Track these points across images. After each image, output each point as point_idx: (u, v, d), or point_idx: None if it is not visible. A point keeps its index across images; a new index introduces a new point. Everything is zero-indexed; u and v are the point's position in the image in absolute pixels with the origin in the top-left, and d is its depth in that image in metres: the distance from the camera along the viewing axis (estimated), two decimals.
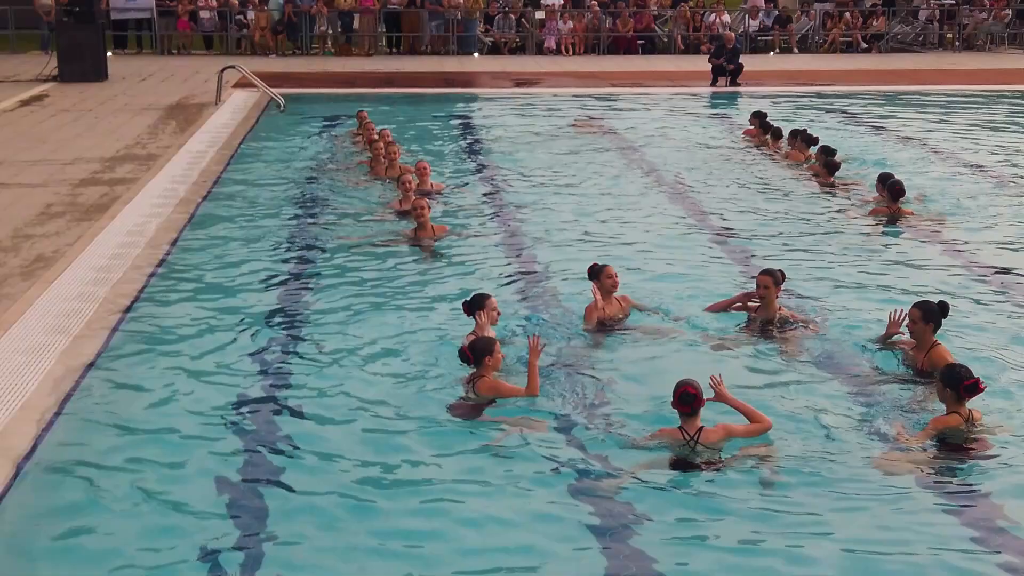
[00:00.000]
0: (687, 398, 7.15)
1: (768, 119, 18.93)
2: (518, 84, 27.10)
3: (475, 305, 8.82)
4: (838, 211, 14.00)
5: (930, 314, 8.54)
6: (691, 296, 10.39)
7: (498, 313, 8.81)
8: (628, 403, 8.09)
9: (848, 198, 14.63)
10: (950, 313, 8.78)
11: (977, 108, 23.64)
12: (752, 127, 19.17)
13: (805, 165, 16.54)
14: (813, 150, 16.64)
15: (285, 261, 11.84)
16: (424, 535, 6.42)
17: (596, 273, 9.72)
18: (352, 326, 9.75)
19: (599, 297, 9.56)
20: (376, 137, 16.77)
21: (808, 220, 13.57)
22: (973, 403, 7.55)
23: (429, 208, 12.53)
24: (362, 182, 15.51)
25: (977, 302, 10.43)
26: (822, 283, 10.96)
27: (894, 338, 8.98)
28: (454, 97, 25.05)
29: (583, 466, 7.18)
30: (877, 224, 13.23)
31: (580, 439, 7.53)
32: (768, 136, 18.30)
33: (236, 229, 13.03)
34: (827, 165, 15.49)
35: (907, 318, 8.70)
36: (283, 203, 14.46)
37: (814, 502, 6.78)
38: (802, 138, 17.20)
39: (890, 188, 13.42)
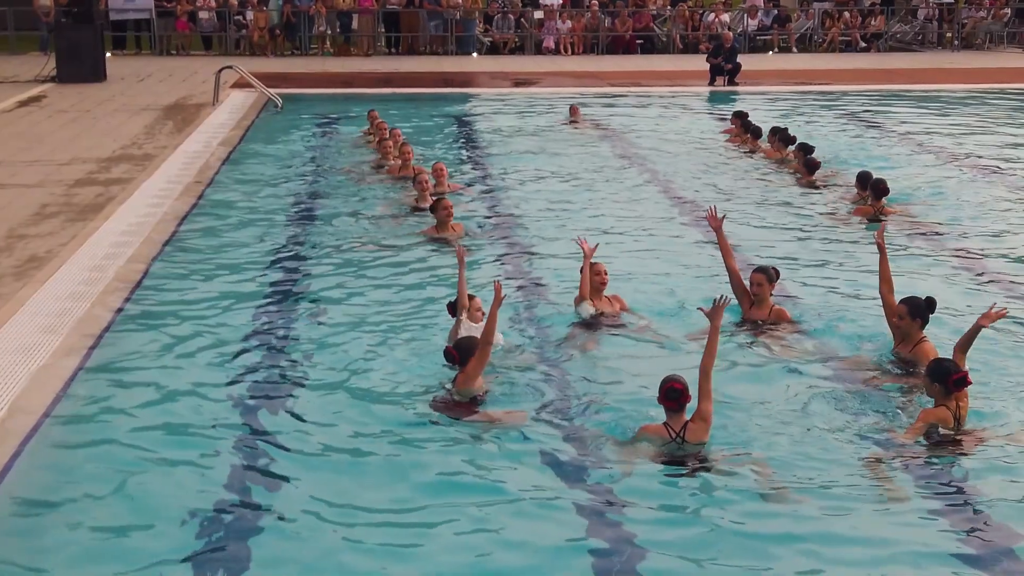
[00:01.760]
0: (673, 393, 7.14)
1: (749, 118, 18.90)
2: (517, 84, 27.11)
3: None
4: (822, 210, 13.99)
5: (917, 310, 8.53)
6: (681, 294, 10.38)
7: (482, 313, 8.78)
8: (617, 401, 8.07)
9: (830, 196, 14.62)
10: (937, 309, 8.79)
11: (975, 107, 23.62)
12: (733, 126, 19.15)
13: (786, 164, 16.50)
14: (791, 149, 16.63)
15: (281, 262, 11.79)
16: (404, 539, 6.37)
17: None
18: (350, 326, 9.71)
19: (587, 251, 9.60)
20: (387, 136, 16.73)
21: (793, 219, 13.57)
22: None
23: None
24: (373, 181, 15.48)
25: (964, 299, 10.42)
26: (810, 281, 10.96)
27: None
28: (452, 97, 25.06)
29: (567, 465, 7.16)
30: (861, 223, 13.20)
31: (565, 437, 7.51)
32: (749, 135, 18.28)
33: (231, 230, 13.02)
34: (807, 164, 15.50)
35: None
36: (279, 203, 14.46)
37: (803, 502, 6.76)
38: (780, 137, 17.18)
39: (874, 187, 13.40)
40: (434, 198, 13.15)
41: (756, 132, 18.17)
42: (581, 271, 9.63)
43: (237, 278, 11.15)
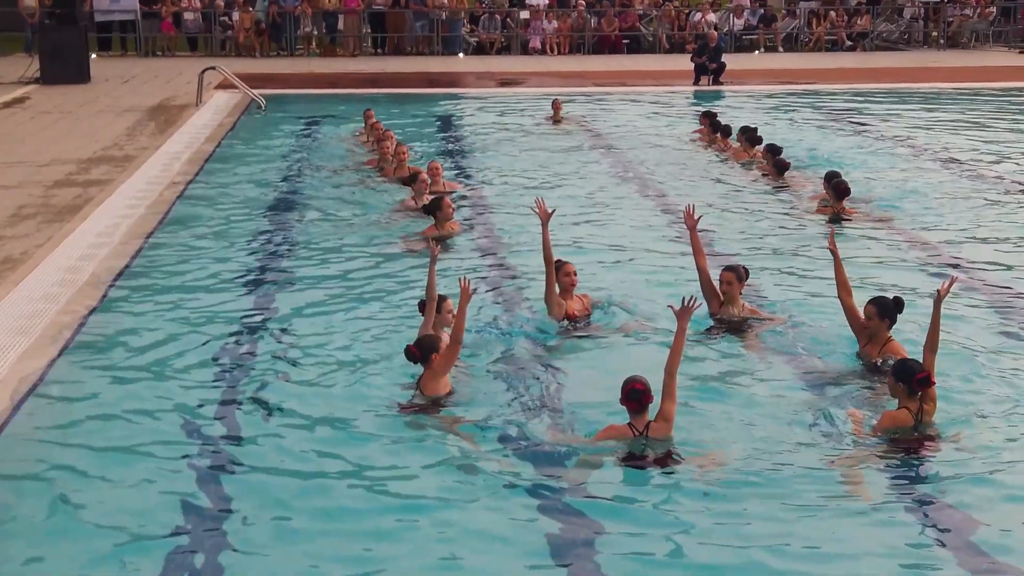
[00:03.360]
0: (634, 394, 7.13)
1: (718, 118, 18.90)
2: (502, 84, 27.12)
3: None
4: (789, 210, 13.97)
5: (886, 310, 8.52)
6: (653, 293, 10.37)
7: (453, 315, 8.74)
8: (585, 401, 8.05)
9: (798, 197, 14.59)
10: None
11: (961, 106, 23.65)
12: (702, 126, 19.14)
13: (755, 165, 16.50)
14: (759, 148, 16.65)
15: (256, 263, 11.73)
16: (369, 547, 6.30)
17: (555, 271, 9.69)
18: (333, 328, 9.63)
19: (543, 214, 9.70)
20: (383, 136, 16.68)
21: (760, 219, 13.54)
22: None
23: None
24: (368, 182, 15.42)
25: (928, 299, 10.39)
26: (778, 281, 10.95)
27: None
28: (438, 97, 25.05)
29: (533, 466, 7.13)
30: (823, 223, 13.12)
31: (532, 438, 7.49)
32: (718, 135, 18.29)
33: (208, 231, 12.96)
34: (776, 165, 15.50)
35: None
36: (261, 204, 14.42)
37: (768, 501, 6.72)
38: (748, 137, 17.16)
39: (835, 188, 13.38)
40: (431, 197, 13.13)
41: (726, 131, 18.16)
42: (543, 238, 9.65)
43: (213, 281, 11.09)
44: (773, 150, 15.89)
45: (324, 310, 10.15)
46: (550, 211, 9.91)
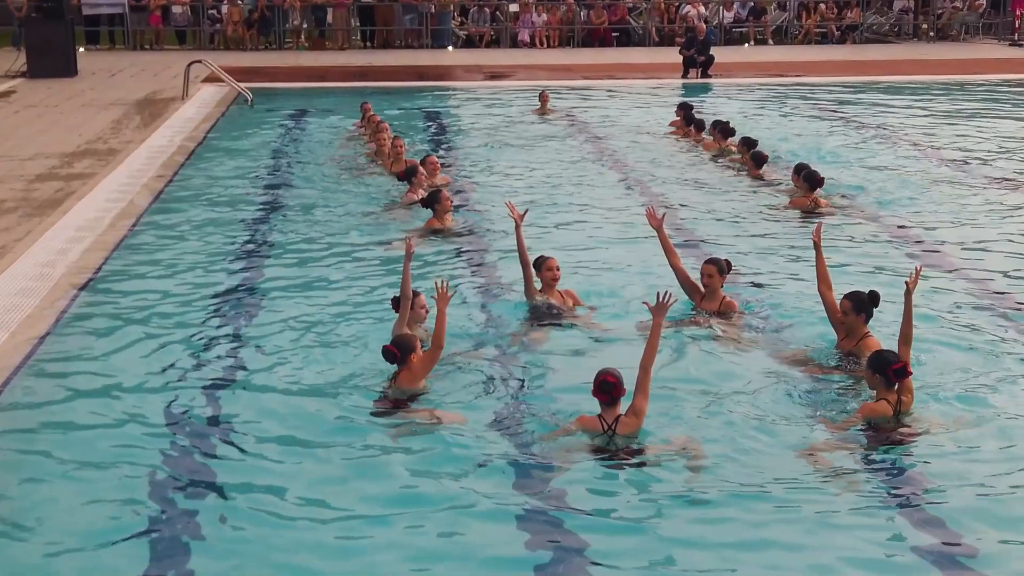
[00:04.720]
0: (605, 386, 7.10)
1: (693, 111, 18.87)
2: (491, 77, 27.07)
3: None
4: (765, 203, 13.91)
5: (861, 304, 8.46)
6: (631, 287, 10.33)
7: (426, 311, 8.70)
8: (560, 396, 8.01)
9: (774, 189, 14.54)
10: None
11: (951, 98, 23.61)
12: (678, 118, 19.09)
13: (727, 156, 16.49)
14: (732, 140, 16.64)
15: (236, 259, 11.65)
16: (344, 542, 6.25)
17: (538, 266, 9.66)
18: (309, 323, 9.56)
19: (516, 217, 9.74)
20: (379, 128, 16.57)
21: (736, 213, 13.50)
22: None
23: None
24: (365, 175, 15.36)
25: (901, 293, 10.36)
26: (756, 274, 10.91)
27: None
28: (426, 90, 25.00)
29: (504, 456, 7.10)
30: (797, 215, 13.10)
31: (504, 430, 7.46)
32: (692, 127, 18.25)
33: (190, 225, 12.90)
34: (754, 157, 15.46)
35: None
36: (242, 198, 14.35)
37: (740, 495, 6.68)
38: (720, 129, 17.15)
39: (807, 178, 13.36)
40: (429, 191, 13.07)
41: (699, 125, 18.15)
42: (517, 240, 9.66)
43: (191, 276, 10.97)
44: (748, 143, 15.88)
45: (303, 306, 10.06)
46: (522, 213, 9.87)
